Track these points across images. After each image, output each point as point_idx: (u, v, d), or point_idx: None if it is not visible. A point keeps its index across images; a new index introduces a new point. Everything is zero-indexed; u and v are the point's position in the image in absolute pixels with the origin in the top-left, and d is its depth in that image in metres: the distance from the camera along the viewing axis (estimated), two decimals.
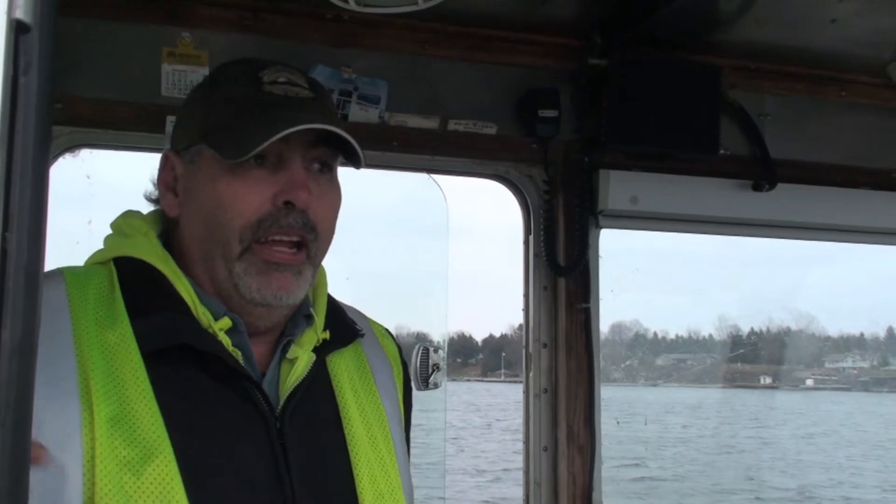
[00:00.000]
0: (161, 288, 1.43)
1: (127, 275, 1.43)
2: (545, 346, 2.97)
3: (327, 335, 1.55)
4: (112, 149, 2.67)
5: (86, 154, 2.64)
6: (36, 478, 1.18)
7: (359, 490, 1.47)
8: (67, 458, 1.23)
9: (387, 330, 1.79)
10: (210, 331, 1.41)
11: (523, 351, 3.03)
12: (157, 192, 1.57)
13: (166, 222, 1.54)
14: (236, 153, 1.39)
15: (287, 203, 1.42)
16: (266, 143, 1.37)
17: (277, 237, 1.43)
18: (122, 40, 2.57)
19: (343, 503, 1.46)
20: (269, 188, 1.43)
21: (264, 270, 1.43)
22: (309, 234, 1.45)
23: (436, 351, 3.04)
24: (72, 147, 2.59)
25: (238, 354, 1.42)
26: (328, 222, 1.50)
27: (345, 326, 1.61)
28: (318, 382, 1.52)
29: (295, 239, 1.44)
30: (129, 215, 1.56)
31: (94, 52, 2.55)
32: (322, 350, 1.53)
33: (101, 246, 1.53)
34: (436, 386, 3.02)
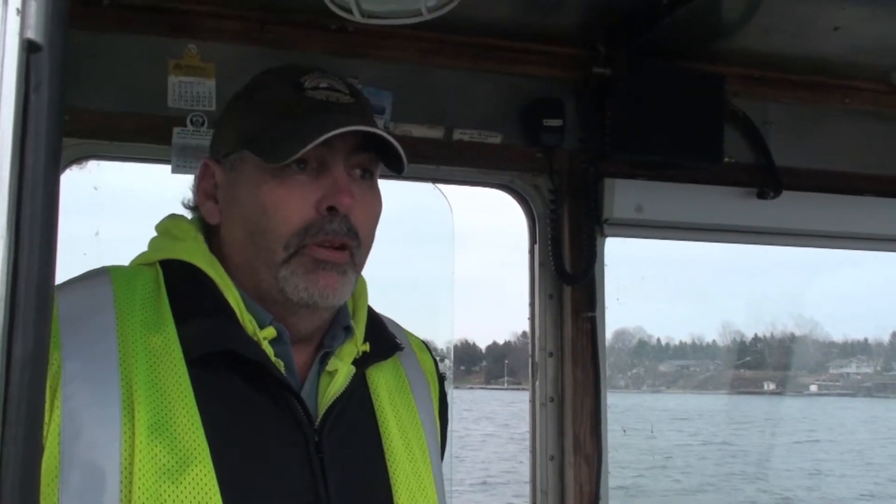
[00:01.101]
0: (209, 293, 1.42)
1: (174, 278, 1.43)
2: (551, 354, 2.98)
3: (367, 347, 1.54)
4: (119, 160, 2.68)
5: (93, 165, 2.65)
6: (76, 481, 1.20)
7: None
8: (107, 463, 1.23)
9: (424, 343, 1.78)
10: (255, 339, 1.41)
11: (529, 360, 3.03)
12: (194, 200, 1.57)
13: (206, 229, 1.53)
14: (281, 156, 1.38)
15: (330, 209, 1.41)
16: (313, 144, 1.36)
17: (321, 244, 1.42)
18: (128, 52, 2.59)
19: None
20: (313, 194, 1.42)
21: (312, 269, 1.42)
22: (352, 241, 1.44)
23: (442, 360, 3.04)
24: (79, 159, 2.60)
25: (280, 364, 1.41)
26: (369, 228, 1.49)
27: (385, 339, 1.60)
28: (358, 396, 1.51)
29: (338, 245, 1.43)
30: (178, 218, 1.55)
31: (101, 64, 2.56)
32: (362, 363, 1.52)
33: (108, 256, 1.54)
34: None
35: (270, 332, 1.43)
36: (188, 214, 1.59)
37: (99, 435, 1.24)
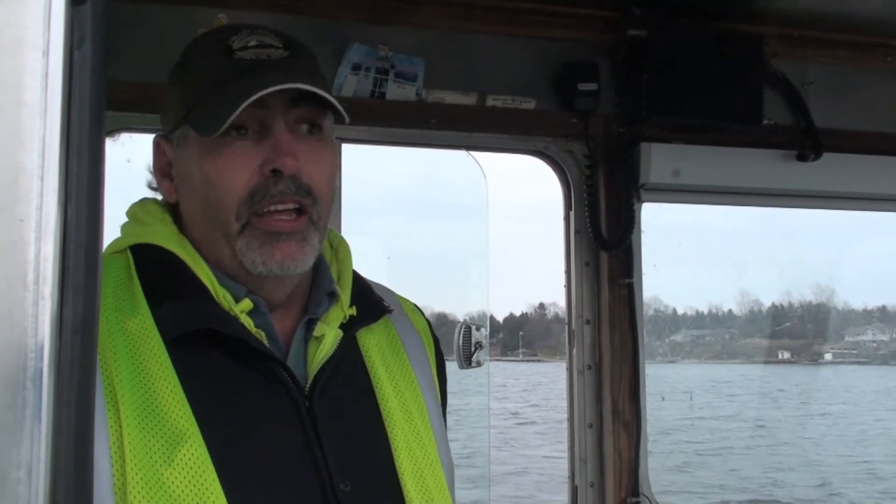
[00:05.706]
0: (181, 273, 1.41)
1: (145, 262, 1.42)
2: (588, 322, 2.95)
3: (354, 311, 1.52)
4: (151, 132, 2.66)
5: (125, 138, 2.65)
6: None
7: (397, 464, 1.45)
8: (95, 450, 1.21)
9: (415, 305, 1.76)
10: (232, 314, 1.40)
11: (566, 328, 3.01)
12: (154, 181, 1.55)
13: (174, 209, 1.51)
14: (210, 128, 1.35)
15: (274, 171, 1.37)
16: (237, 112, 1.32)
17: (273, 207, 1.38)
18: (159, 22, 2.57)
19: (382, 478, 1.45)
20: (255, 159, 1.38)
21: (267, 241, 1.39)
22: (305, 199, 1.40)
23: (478, 329, 3.03)
24: (111, 131, 2.60)
25: (261, 335, 1.40)
26: (324, 184, 1.43)
27: (372, 302, 1.58)
28: (350, 359, 1.50)
29: (292, 206, 1.40)
30: (145, 202, 1.54)
31: (132, 35, 2.55)
32: (350, 327, 1.51)
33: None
34: (478, 364, 3.01)
35: (247, 304, 1.41)
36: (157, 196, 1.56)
37: None
